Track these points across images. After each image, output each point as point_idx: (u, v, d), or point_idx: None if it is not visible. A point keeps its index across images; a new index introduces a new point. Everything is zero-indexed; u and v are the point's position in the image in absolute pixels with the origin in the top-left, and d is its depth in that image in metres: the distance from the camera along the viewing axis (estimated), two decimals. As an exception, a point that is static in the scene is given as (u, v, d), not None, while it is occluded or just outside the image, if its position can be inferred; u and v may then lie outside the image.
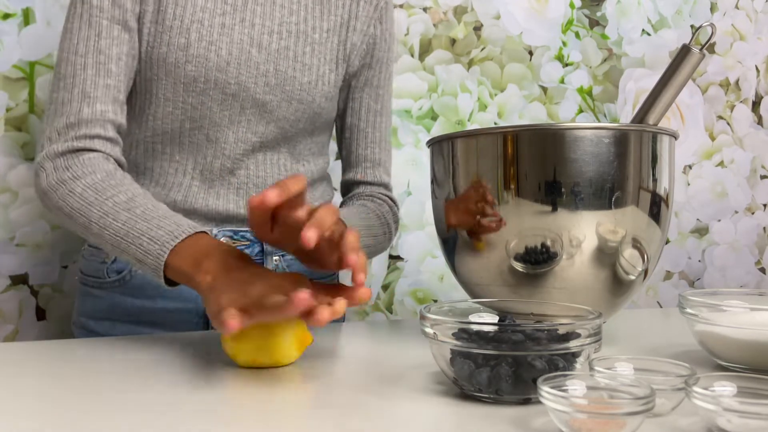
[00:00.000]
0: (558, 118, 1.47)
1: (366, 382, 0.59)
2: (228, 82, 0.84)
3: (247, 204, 0.76)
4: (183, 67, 0.82)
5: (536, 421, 0.49)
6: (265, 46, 0.86)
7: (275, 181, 0.90)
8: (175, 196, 0.87)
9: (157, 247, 0.68)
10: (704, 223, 1.62)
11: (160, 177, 0.88)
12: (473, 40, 1.41)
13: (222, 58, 0.83)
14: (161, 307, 0.89)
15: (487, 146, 0.70)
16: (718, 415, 0.44)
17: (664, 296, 1.59)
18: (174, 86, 0.83)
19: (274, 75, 0.86)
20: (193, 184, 0.88)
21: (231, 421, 0.49)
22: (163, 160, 0.87)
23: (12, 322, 1.13)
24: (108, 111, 0.79)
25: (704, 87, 1.61)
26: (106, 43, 0.79)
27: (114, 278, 0.89)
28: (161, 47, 0.82)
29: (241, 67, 0.84)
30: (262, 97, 0.86)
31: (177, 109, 0.84)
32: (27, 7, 1.12)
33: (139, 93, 0.85)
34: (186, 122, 0.85)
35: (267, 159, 0.90)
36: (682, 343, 0.76)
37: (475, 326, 0.52)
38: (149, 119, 0.85)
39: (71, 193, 0.74)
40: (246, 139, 0.87)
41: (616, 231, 0.68)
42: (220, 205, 0.88)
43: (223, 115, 0.85)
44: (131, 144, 0.88)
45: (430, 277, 1.38)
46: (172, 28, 0.81)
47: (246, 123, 0.86)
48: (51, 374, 0.61)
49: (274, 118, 0.88)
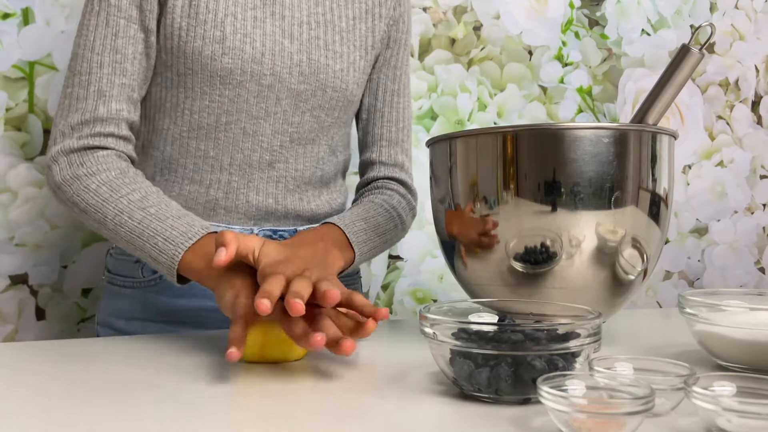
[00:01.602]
0: (557, 118, 1.47)
1: (365, 382, 0.59)
2: (264, 73, 0.85)
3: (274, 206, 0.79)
4: (219, 60, 0.83)
5: (536, 421, 0.49)
6: (296, 36, 0.87)
7: (312, 174, 0.92)
8: (215, 193, 0.88)
9: (172, 248, 0.73)
10: (704, 223, 1.62)
11: (195, 174, 0.87)
12: (473, 40, 1.41)
13: (257, 50, 0.84)
14: (197, 306, 0.89)
15: (487, 146, 0.70)
16: (718, 414, 0.44)
17: (664, 296, 1.59)
18: (210, 79, 0.83)
19: (307, 64, 0.87)
20: (232, 179, 0.88)
21: (230, 421, 0.49)
22: (197, 157, 0.87)
23: (12, 322, 1.13)
24: (123, 110, 0.81)
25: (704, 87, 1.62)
26: (123, 42, 0.81)
27: (149, 277, 0.89)
28: (196, 41, 0.82)
29: (275, 57, 0.85)
30: (297, 87, 0.87)
31: (213, 103, 0.84)
32: (26, 7, 1.12)
33: (172, 88, 0.85)
34: (222, 116, 0.85)
35: (306, 152, 0.91)
36: (682, 343, 0.76)
37: (475, 326, 0.52)
38: (185, 114, 0.86)
39: (86, 189, 0.77)
40: (283, 130, 0.88)
41: (615, 231, 0.68)
42: (260, 200, 0.89)
43: (260, 107, 0.86)
44: (165, 140, 0.88)
45: (430, 276, 1.38)
46: (206, 21, 0.82)
47: (282, 114, 0.87)
48: (51, 374, 0.61)
49: (309, 107, 0.89)
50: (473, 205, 0.71)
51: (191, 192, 0.88)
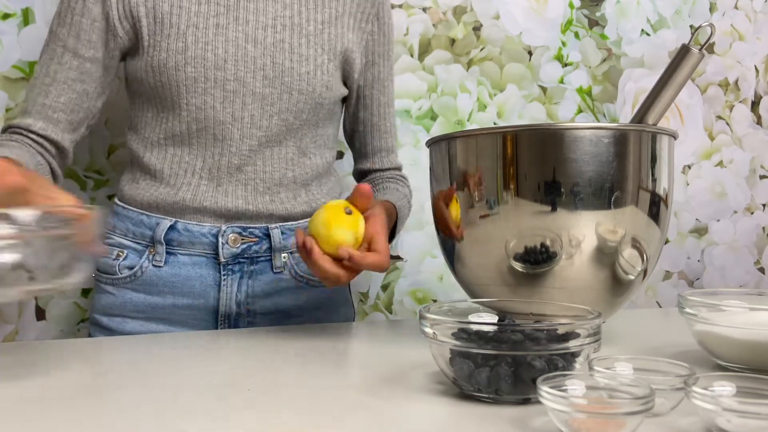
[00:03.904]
0: (557, 118, 1.47)
1: (365, 382, 0.59)
2: (227, 78, 0.87)
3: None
4: (183, 70, 0.85)
5: (536, 421, 0.49)
6: (260, 40, 0.88)
7: (282, 175, 0.93)
8: (184, 195, 0.90)
9: None
10: (703, 223, 1.62)
11: (170, 178, 0.91)
12: (473, 40, 1.41)
13: (219, 57, 0.86)
14: (171, 303, 0.91)
15: (487, 146, 0.70)
16: (718, 414, 0.44)
17: (664, 296, 1.59)
18: (177, 89, 0.86)
19: (271, 68, 0.89)
20: (201, 183, 0.90)
21: (230, 421, 0.49)
22: (173, 162, 0.90)
23: (12, 322, 1.13)
24: (35, 125, 0.87)
25: (703, 87, 1.62)
26: (55, 68, 0.87)
27: (126, 274, 0.91)
28: (161, 54, 0.86)
29: (238, 63, 0.87)
30: (262, 91, 0.89)
31: (183, 111, 0.87)
32: (26, 7, 1.12)
33: (150, 100, 0.90)
34: (192, 123, 0.88)
35: (274, 154, 0.92)
36: (682, 343, 0.76)
37: (475, 326, 0.52)
38: (161, 122, 0.90)
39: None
40: (251, 134, 0.90)
41: (615, 231, 0.68)
42: (229, 202, 0.91)
43: (227, 113, 0.88)
44: (145, 148, 0.92)
45: (430, 277, 1.38)
46: (169, 35, 0.86)
47: (249, 118, 0.89)
48: (51, 374, 0.61)
49: (277, 110, 0.90)
50: (473, 205, 0.71)
51: (161, 194, 0.90)
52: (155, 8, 0.86)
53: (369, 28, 0.98)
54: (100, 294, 0.94)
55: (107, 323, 0.92)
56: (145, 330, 0.91)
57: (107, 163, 1.16)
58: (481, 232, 0.71)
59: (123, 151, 1.15)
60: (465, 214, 0.72)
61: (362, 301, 1.33)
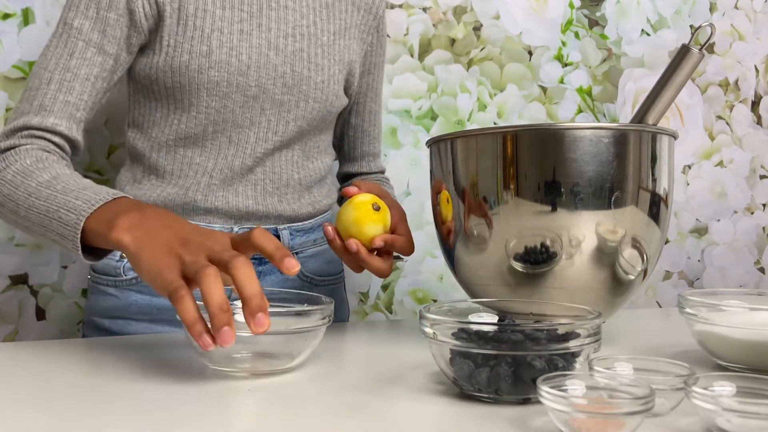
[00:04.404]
0: (557, 118, 1.47)
1: (365, 382, 0.59)
2: (249, 84, 0.87)
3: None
4: (206, 73, 0.85)
5: (536, 421, 0.49)
6: (281, 48, 0.89)
7: (289, 177, 0.95)
8: (194, 195, 0.89)
9: (74, 217, 0.67)
10: (703, 223, 1.62)
11: (179, 179, 0.90)
12: (473, 40, 1.41)
13: (243, 63, 0.86)
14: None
15: (487, 146, 0.70)
16: (718, 414, 0.44)
17: (664, 296, 1.59)
18: (197, 92, 0.86)
19: (291, 76, 0.90)
20: (212, 183, 0.90)
21: (229, 421, 0.49)
22: (183, 162, 0.90)
23: (12, 322, 1.13)
24: (60, 125, 0.81)
25: (703, 87, 1.62)
26: (77, 62, 0.82)
27: (130, 276, 0.90)
28: (183, 55, 0.85)
29: (260, 70, 0.87)
30: (281, 98, 0.90)
31: (200, 114, 0.87)
32: (27, 7, 1.12)
33: (161, 100, 0.88)
34: (209, 126, 0.88)
35: (282, 156, 0.94)
36: (682, 343, 0.76)
37: (475, 326, 0.52)
38: (173, 124, 0.88)
39: (2, 181, 0.76)
40: (267, 138, 0.91)
41: (615, 231, 0.68)
42: (239, 202, 0.91)
43: (245, 117, 0.89)
44: (152, 148, 0.90)
45: (430, 276, 1.38)
46: (193, 37, 0.85)
47: (266, 123, 0.90)
48: (51, 374, 0.61)
49: (293, 117, 0.91)
50: (473, 205, 0.71)
51: (170, 194, 0.89)
52: (180, 9, 0.84)
53: (369, 39, 1.01)
54: (99, 296, 0.92)
55: (108, 326, 0.91)
56: (149, 332, 0.90)
57: (107, 163, 1.16)
58: (481, 232, 0.71)
59: (123, 151, 1.15)
60: (465, 214, 0.72)
61: (362, 301, 1.33)
